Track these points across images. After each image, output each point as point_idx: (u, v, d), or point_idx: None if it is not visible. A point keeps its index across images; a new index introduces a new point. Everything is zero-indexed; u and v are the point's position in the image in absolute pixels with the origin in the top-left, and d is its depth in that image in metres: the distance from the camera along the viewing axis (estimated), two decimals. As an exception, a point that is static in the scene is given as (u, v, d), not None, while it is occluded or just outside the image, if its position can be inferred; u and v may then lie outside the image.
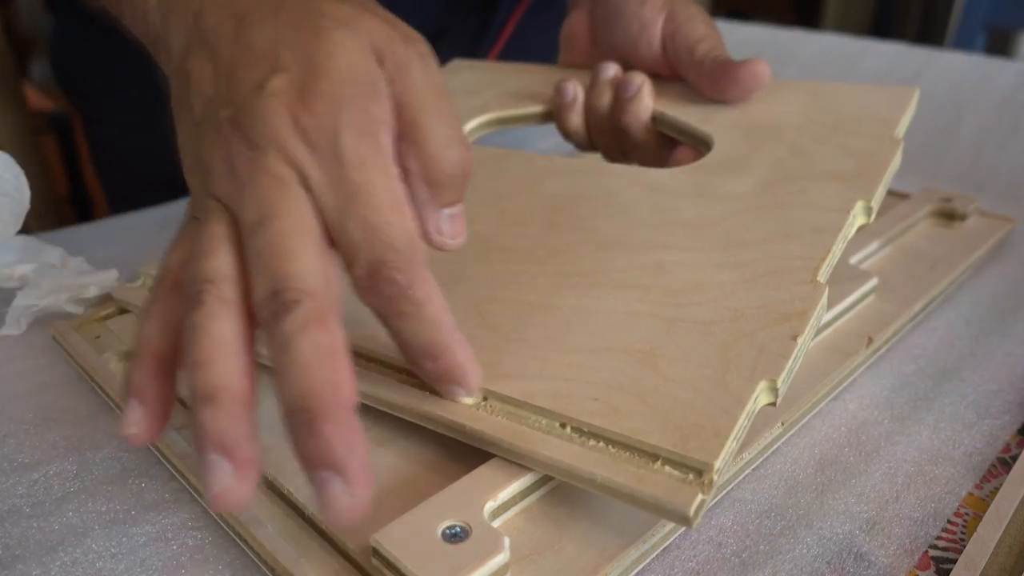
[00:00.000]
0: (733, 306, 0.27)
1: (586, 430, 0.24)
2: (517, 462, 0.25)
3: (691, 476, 0.22)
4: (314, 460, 0.20)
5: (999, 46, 1.60)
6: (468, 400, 0.26)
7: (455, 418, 0.26)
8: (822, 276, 0.28)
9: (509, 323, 0.29)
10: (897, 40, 0.73)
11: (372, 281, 0.23)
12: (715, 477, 0.22)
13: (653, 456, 0.23)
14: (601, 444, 0.24)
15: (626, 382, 0.25)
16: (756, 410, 0.24)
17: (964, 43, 1.51)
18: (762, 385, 0.24)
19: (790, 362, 0.25)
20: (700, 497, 0.22)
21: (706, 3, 2.17)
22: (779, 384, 0.24)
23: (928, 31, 1.90)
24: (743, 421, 0.23)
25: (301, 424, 0.20)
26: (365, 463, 0.20)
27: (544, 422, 0.25)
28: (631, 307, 0.29)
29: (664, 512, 0.22)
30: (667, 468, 0.23)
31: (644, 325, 0.28)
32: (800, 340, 0.25)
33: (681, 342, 0.27)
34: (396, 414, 0.28)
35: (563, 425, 0.25)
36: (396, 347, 0.25)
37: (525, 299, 0.30)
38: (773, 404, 0.25)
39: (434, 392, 0.27)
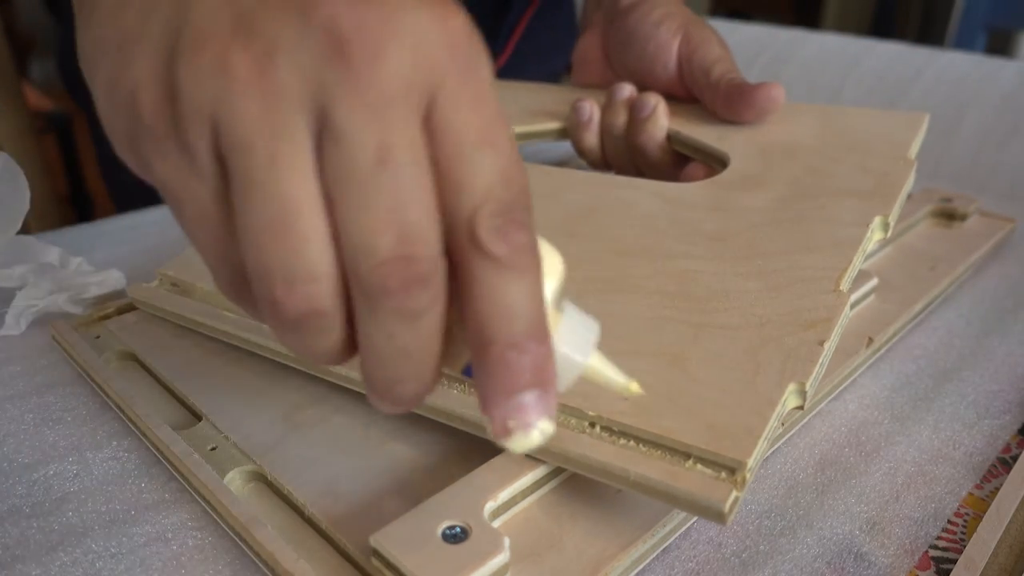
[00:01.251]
0: (759, 313, 0.28)
1: (616, 429, 0.24)
2: (545, 460, 0.25)
3: (723, 474, 0.23)
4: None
5: (999, 46, 1.61)
6: (535, 438, 0.19)
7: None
8: (844, 286, 0.29)
9: None
10: (897, 40, 0.73)
11: (505, 224, 0.18)
12: (748, 476, 0.22)
13: (685, 455, 0.23)
14: (631, 443, 0.24)
15: (655, 383, 0.26)
16: (785, 412, 0.25)
17: (964, 43, 1.51)
18: (791, 388, 0.25)
19: (817, 366, 0.25)
20: (735, 494, 0.22)
21: (706, 3, 2.17)
22: (808, 387, 0.25)
23: (928, 31, 1.90)
24: (773, 422, 0.24)
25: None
26: None
27: (573, 421, 0.25)
28: (657, 312, 0.29)
29: (699, 509, 0.22)
30: (699, 466, 0.23)
31: (671, 330, 0.28)
32: (827, 345, 0.26)
33: (709, 346, 0.27)
34: (420, 412, 0.28)
35: (592, 424, 0.25)
36: (480, 319, 0.18)
37: None
38: (801, 407, 0.25)
39: (463, 391, 0.27)
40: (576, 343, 0.20)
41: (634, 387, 0.21)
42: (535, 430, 0.18)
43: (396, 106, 0.18)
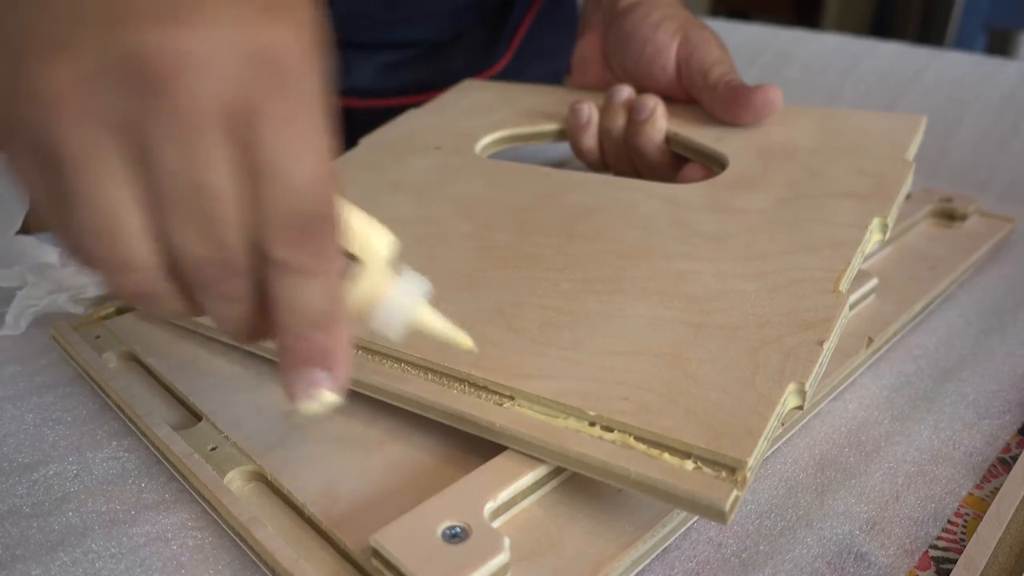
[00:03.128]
0: (758, 313, 0.28)
1: (616, 428, 0.24)
2: (545, 460, 0.25)
3: (724, 474, 0.23)
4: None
5: (999, 46, 1.61)
6: (316, 406, 0.23)
7: (484, 415, 0.26)
8: (843, 286, 0.29)
9: (534, 326, 0.29)
10: (897, 40, 0.73)
11: (300, 236, 0.21)
12: (748, 475, 0.22)
13: (685, 454, 0.23)
14: (632, 442, 0.24)
15: (655, 383, 0.26)
16: (784, 412, 0.25)
17: (964, 43, 1.51)
18: (791, 388, 0.25)
19: (817, 366, 0.25)
20: (735, 493, 0.22)
21: (706, 3, 2.17)
22: (807, 387, 0.25)
23: (928, 31, 1.90)
24: (773, 422, 0.24)
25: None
26: None
27: (574, 420, 0.25)
28: (656, 313, 0.29)
29: (699, 508, 0.22)
30: (699, 466, 0.23)
31: (670, 330, 0.28)
32: (826, 345, 0.26)
33: (708, 346, 0.27)
34: (420, 412, 0.28)
35: (592, 424, 0.25)
36: (276, 310, 0.22)
37: (549, 304, 0.30)
38: (800, 407, 0.25)
39: (463, 391, 0.27)
40: (407, 296, 0.24)
41: (466, 341, 0.26)
42: (316, 401, 0.23)
43: (205, 132, 0.19)
